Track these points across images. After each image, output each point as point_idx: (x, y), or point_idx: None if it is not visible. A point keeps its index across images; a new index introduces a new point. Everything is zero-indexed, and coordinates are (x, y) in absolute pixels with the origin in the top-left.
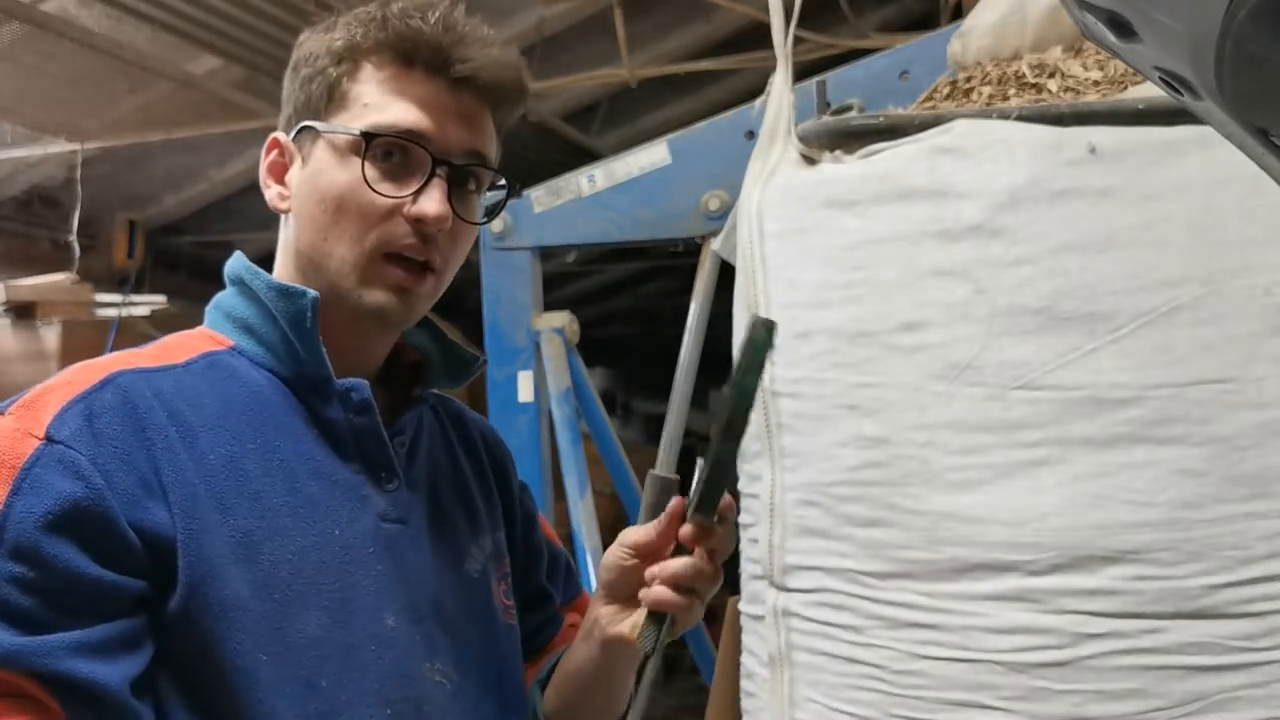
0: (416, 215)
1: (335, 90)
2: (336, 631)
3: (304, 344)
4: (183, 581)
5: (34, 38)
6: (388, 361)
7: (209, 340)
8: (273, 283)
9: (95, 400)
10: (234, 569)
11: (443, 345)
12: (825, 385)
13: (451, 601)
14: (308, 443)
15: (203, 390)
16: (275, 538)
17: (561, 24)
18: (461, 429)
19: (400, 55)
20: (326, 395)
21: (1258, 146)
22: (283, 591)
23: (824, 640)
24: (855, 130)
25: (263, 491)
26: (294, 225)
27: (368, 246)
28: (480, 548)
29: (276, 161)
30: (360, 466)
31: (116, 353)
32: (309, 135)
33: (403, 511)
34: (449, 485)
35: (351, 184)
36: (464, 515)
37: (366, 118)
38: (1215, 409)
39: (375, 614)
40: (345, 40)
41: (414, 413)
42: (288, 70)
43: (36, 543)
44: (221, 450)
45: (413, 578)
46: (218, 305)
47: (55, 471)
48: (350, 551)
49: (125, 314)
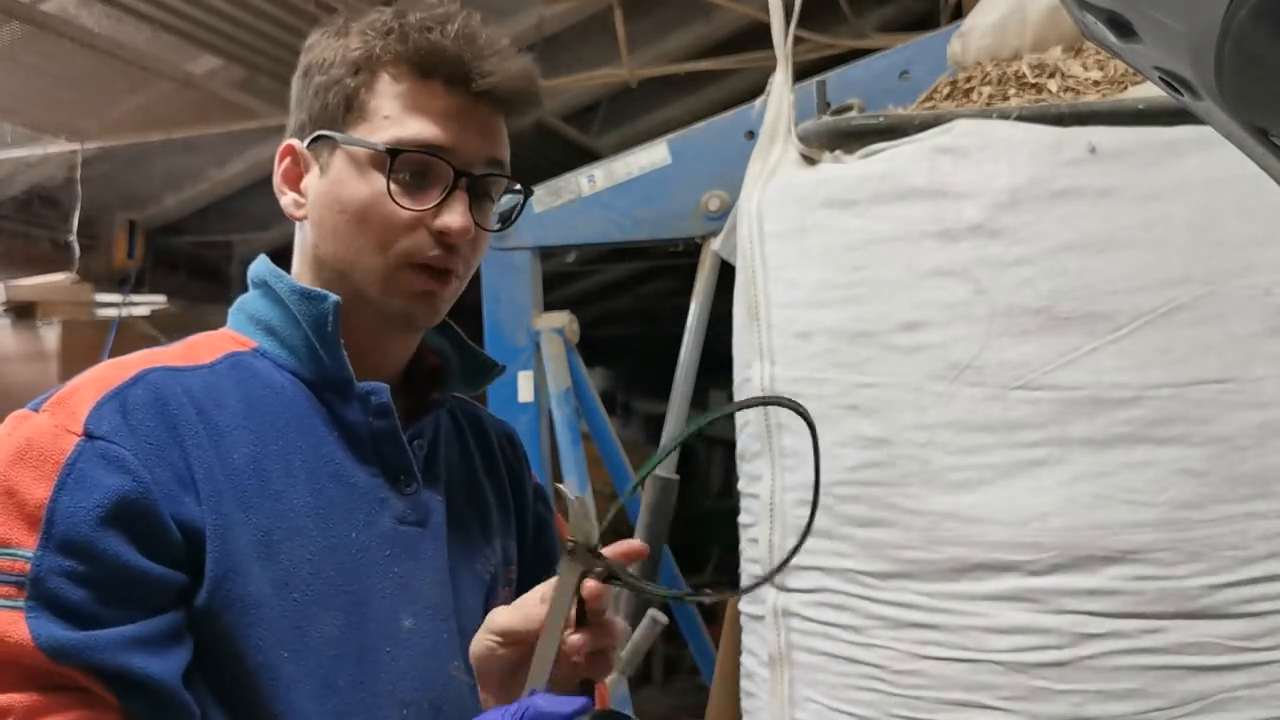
0: (441, 228)
1: (353, 101)
2: (352, 633)
3: (326, 347)
4: (209, 576)
5: (34, 38)
6: (408, 365)
7: (233, 341)
8: (295, 286)
9: (128, 396)
10: (256, 566)
11: (462, 350)
12: (825, 385)
13: (467, 602)
14: (328, 445)
15: (228, 390)
16: (295, 538)
17: (561, 24)
18: (479, 432)
19: (419, 68)
20: (347, 398)
21: (1258, 146)
22: (302, 591)
23: (824, 640)
24: (855, 130)
25: (284, 492)
26: (312, 233)
27: (392, 257)
28: (492, 550)
29: (291, 169)
30: (378, 469)
31: (143, 351)
32: (326, 145)
33: (420, 514)
34: (464, 488)
35: (374, 197)
36: (477, 519)
37: (388, 131)
38: (1215, 409)
39: (391, 616)
40: (363, 50)
41: (432, 416)
42: (297, 74)
43: (87, 537)
44: (245, 450)
45: (433, 578)
46: (241, 307)
47: (100, 466)
48: (367, 554)
49: (125, 314)
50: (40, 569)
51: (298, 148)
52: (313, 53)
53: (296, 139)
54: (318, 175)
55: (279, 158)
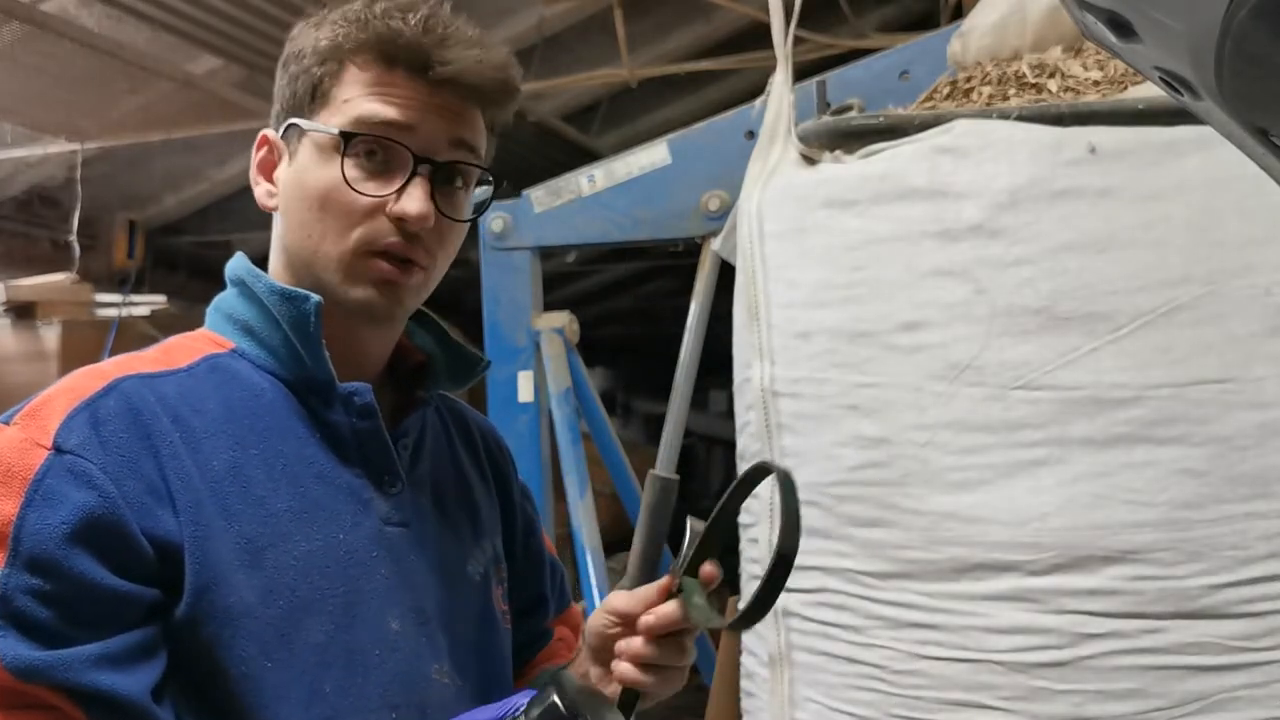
0: (398, 214)
1: (319, 89)
2: (340, 636)
3: (307, 348)
4: (189, 588)
5: (34, 38)
6: (392, 363)
7: (210, 343)
8: (274, 286)
9: (100, 407)
10: (240, 575)
11: (447, 347)
12: (825, 385)
13: (455, 603)
14: (310, 446)
15: (206, 395)
16: (280, 543)
17: (561, 24)
18: (465, 430)
19: (382, 56)
20: (329, 399)
21: (1258, 146)
22: (288, 597)
23: (824, 640)
24: (855, 130)
25: (266, 497)
26: (282, 223)
27: (351, 244)
28: (482, 550)
29: (266, 159)
30: (362, 470)
31: (118, 357)
32: (295, 133)
33: (406, 515)
34: (452, 487)
35: (333, 183)
36: (466, 518)
37: (346, 115)
38: (1215, 409)
39: (380, 618)
40: (330, 40)
41: (417, 415)
42: (279, 64)
43: (54, 555)
44: (225, 456)
45: (417, 580)
46: (218, 307)
47: (67, 482)
48: (353, 555)
49: (125, 314)
50: (6, 587)
51: (272, 138)
52: (293, 44)
53: (271, 129)
54: (287, 164)
55: (255, 148)
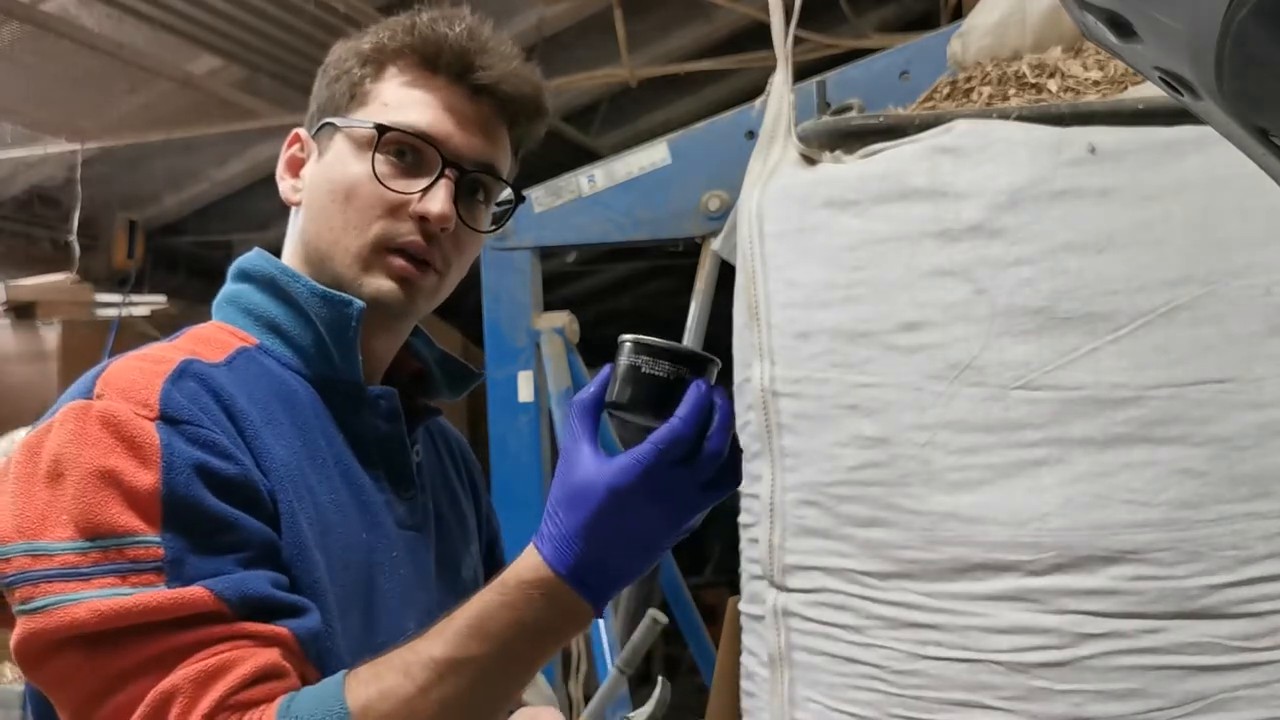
0: (420, 212)
1: (358, 89)
2: (365, 635)
3: (342, 351)
4: (286, 555)
5: (34, 38)
6: (391, 370)
7: (234, 337)
8: (315, 288)
9: (184, 385)
10: (316, 554)
11: (437, 359)
12: (825, 385)
13: (458, 606)
14: (337, 445)
15: (252, 385)
16: (330, 533)
17: (561, 24)
18: (446, 440)
19: (424, 59)
20: (358, 402)
21: (1258, 146)
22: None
23: (824, 640)
24: (855, 130)
25: (315, 487)
26: (303, 216)
27: (370, 238)
28: (471, 555)
29: (295, 156)
30: (382, 473)
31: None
32: (328, 131)
33: (418, 519)
34: (446, 494)
35: (362, 176)
36: (458, 523)
37: (384, 115)
38: (1215, 409)
39: (399, 619)
40: (374, 43)
41: (425, 422)
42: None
43: (211, 512)
44: (284, 442)
45: (429, 583)
46: (235, 300)
47: (198, 449)
48: (375, 555)
49: (125, 314)
50: (174, 551)
51: (303, 135)
52: (333, 54)
53: (305, 128)
54: (316, 160)
55: (285, 145)
